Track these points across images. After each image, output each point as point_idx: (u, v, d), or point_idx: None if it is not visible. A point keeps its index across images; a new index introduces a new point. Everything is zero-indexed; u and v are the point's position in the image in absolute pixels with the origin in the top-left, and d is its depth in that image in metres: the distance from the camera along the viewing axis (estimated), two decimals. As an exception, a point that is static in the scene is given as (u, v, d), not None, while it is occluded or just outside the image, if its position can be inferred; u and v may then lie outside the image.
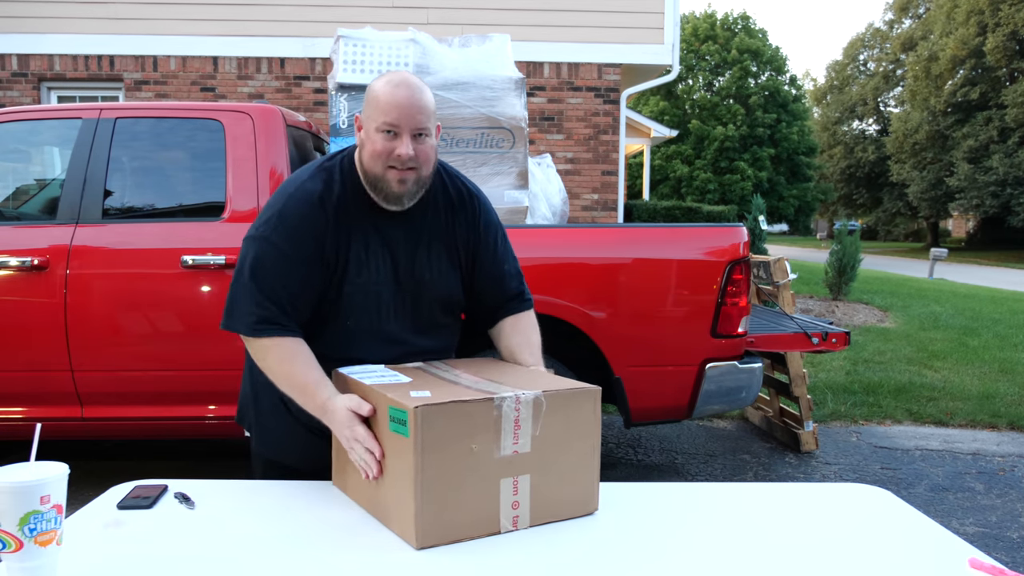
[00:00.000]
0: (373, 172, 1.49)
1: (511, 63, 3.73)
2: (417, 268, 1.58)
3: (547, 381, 1.37)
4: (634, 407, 3.23)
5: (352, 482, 1.39)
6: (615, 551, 1.18)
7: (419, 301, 1.59)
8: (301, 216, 1.49)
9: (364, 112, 1.52)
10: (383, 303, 1.55)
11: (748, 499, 1.42)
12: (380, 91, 1.47)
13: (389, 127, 1.45)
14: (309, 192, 1.51)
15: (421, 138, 1.48)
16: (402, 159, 1.46)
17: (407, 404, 1.19)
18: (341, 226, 1.51)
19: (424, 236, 1.59)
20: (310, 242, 1.48)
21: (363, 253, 1.53)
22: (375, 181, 1.50)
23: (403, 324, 1.58)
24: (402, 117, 1.45)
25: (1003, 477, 3.90)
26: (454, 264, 1.63)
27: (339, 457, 1.43)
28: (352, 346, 1.54)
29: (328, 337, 1.53)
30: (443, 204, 1.62)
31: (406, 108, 1.45)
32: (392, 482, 1.25)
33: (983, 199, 27.54)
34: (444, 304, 1.64)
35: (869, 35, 41.21)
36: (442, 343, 1.67)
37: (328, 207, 1.50)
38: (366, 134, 1.50)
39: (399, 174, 1.47)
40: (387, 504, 1.27)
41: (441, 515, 1.19)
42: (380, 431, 1.29)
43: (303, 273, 1.48)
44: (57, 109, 3.44)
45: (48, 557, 1.03)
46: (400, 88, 1.46)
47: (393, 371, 1.44)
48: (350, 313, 1.53)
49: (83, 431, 3.26)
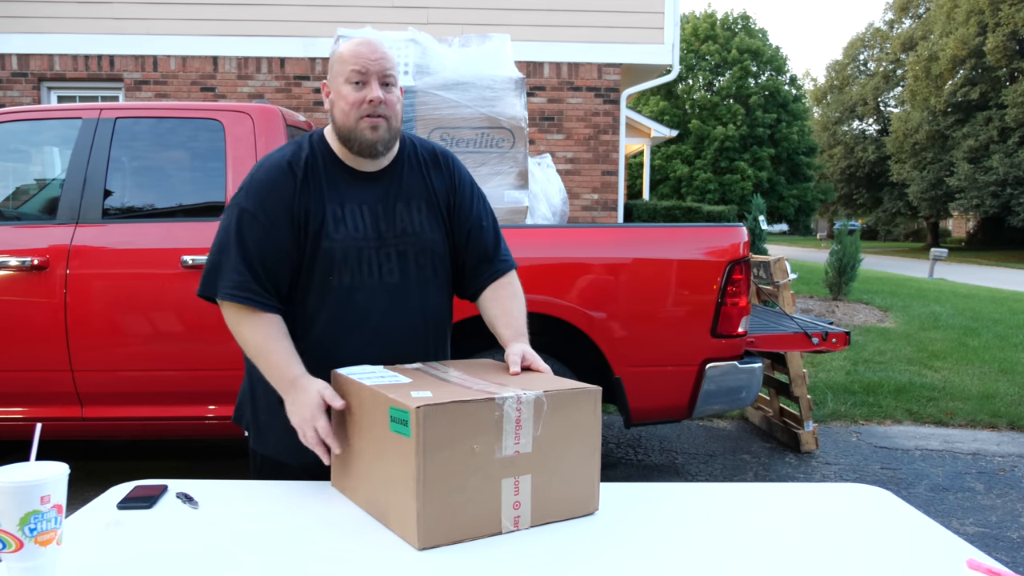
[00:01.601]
0: (346, 126, 1.54)
1: (511, 63, 3.73)
2: (399, 222, 1.60)
3: (547, 382, 1.36)
4: (634, 407, 3.23)
5: (352, 483, 1.38)
6: (615, 551, 1.18)
7: (405, 255, 1.60)
8: (271, 181, 1.55)
9: (330, 75, 1.58)
10: (364, 257, 1.56)
11: (748, 499, 1.42)
12: (344, 50, 1.55)
13: (358, 76, 1.52)
14: (278, 159, 1.58)
15: (388, 87, 1.54)
16: (374, 103, 1.51)
17: (408, 404, 1.18)
18: (312, 187, 1.56)
19: (402, 193, 1.63)
20: (280, 205, 1.53)
21: (339, 210, 1.56)
22: (348, 134, 1.55)
23: (390, 279, 1.59)
24: (368, 64, 1.52)
25: (1003, 477, 3.90)
26: (437, 218, 1.65)
27: (339, 458, 1.42)
28: (340, 302, 1.55)
29: (315, 295, 1.56)
30: (416, 163, 1.67)
31: (371, 57, 1.52)
32: (393, 483, 1.24)
33: (983, 199, 27.54)
34: (433, 258, 1.64)
35: (869, 35, 41.21)
36: (434, 301, 1.66)
37: (296, 170, 1.56)
38: (335, 93, 1.56)
39: (371, 120, 1.52)
40: (387, 505, 1.26)
41: (443, 515, 1.19)
42: (378, 432, 1.28)
43: (275, 236, 1.53)
44: (57, 109, 3.44)
45: (48, 557, 1.03)
46: (363, 43, 1.54)
47: (392, 372, 1.43)
48: (331, 269, 1.55)
49: (83, 431, 3.26)
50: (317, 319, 1.56)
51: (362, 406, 1.33)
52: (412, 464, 1.18)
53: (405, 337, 1.61)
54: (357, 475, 1.36)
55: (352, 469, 1.37)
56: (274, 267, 1.53)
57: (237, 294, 1.51)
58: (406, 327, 1.61)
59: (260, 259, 1.52)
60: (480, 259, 1.70)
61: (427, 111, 3.53)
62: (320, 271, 1.55)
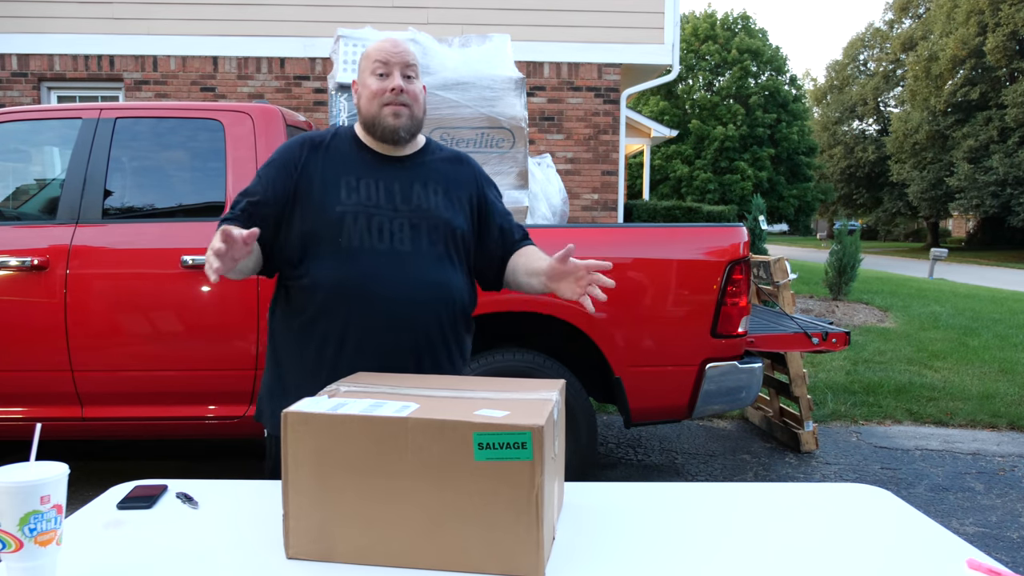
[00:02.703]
0: (370, 113, 1.65)
1: (511, 63, 3.73)
2: (415, 198, 1.66)
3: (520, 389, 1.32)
4: (634, 407, 3.23)
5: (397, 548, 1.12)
6: (616, 551, 1.18)
7: (418, 228, 1.63)
8: (283, 151, 1.69)
9: (359, 72, 1.70)
10: (374, 223, 1.61)
11: (748, 499, 1.42)
12: (370, 47, 1.69)
13: (381, 68, 1.63)
14: (297, 138, 1.72)
15: (410, 79, 1.66)
16: (396, 91, 1.62)
17: (522, 424, 1.08)
18: (326, 160, 1.66)
19: (420, 177, 1.69)
20: (286, 166, 1.65)
21: (354, 181, 1.65)
22: (372, 121, 1.65)
23: (402, 247, 1.61)
24: (391, 56, 1.64)
25: (1003, 477, 3.90)
26: (454, 204, 1.70)
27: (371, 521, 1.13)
28: (347, 264, 1.59)
29: (322, 260, 1.60)
30: (439, 157, 1.76)
31: (393, 50, 1.65)
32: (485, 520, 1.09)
33: (983, 199, 27.54)
34: (447, 234, 1.66)
35: (869, 35, 41.20)
36: (450, 278, 1.66)
37: (314, 143, 1.69)
38: (362, 86, 1.68)
39: (393, 108, 1.63)
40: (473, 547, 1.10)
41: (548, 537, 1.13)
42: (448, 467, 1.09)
43: (270, 187, 1.63)
44: (57, 109, 3.43)
45: (48, 557, 1.03)
46: (386, 40, 1.68)
47: (351, 398, 1.23)
48: (340, 231, 1.59)
49: (83, 431, 3.25)
50: (322, 284, 1.59)
51: (389, 442, 1.11)
52: (531, 490, 1.07)
53: (416, 308, 1.60)
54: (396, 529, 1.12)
55: (375, 525, 1.12)
56: (263, 213, 1.61)
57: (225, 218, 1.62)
58: (417, 298, 1.60)
59: (251, 207, 1.62)
60: (511, 249, 1.77)
61: (427, 111, 3.52)
62: (328, 235, 1.59)
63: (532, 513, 1.07)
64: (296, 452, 1.11)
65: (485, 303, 3.13)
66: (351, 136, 1.71)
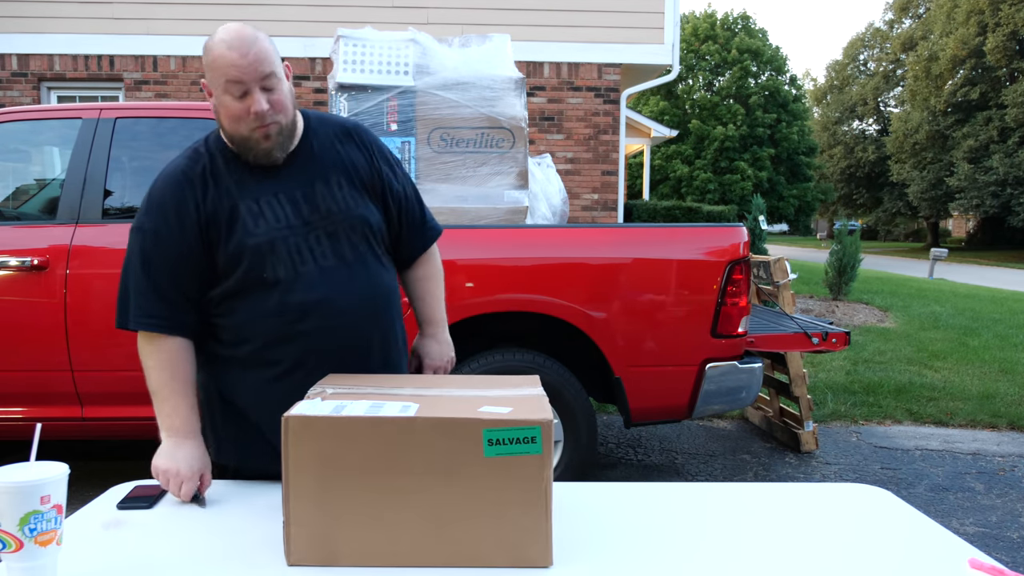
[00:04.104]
0: (238, 135, 1.46)
1: (511, 63, 3.73)
2: (321, 202, 1.53)
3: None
4: (634, 407, 3.23)
5: (404, 548, 1.13)
6: (616, 551, 1.18)
7: (336, 236, 1.53)
8: (169, 195, 1.48)
9: (207, 76, 1.46)
10: (292, 246, 1.49)
11: (748, 499, 1.42)
12: (213, 54, 1.42)
13: (237, 86, 1.41)
14: (172, 171, 1.50)
15: (271, 90, 1.43)
16: (260, 115, 1.42)
17: (532, 419, 1.10)
18: (218, 191, 1.48)
19: (318, 172, 1.55)
20: (182, 215, 1.46)
21: (254, 206, 1.49)
22: (242, 143, 1.47)
23: (326, 263, 1.52)
24: (242, 72, 1.40)
25: (1003, 477, 3.90)
26: (360, 192, 1.58)
27: (377, 523, 1.13)
28: (279, 299, 1.48)
29: (257, 296, 1.49)
30: (323, 141, 1.58)
31: (242, 63, 1.39)
32: (495, 514, 1.11)
33: (983, 199, 27.54)
34: (364, 232, 1.56)
35: (869, 35, 41.21)
36: (380, 278, 1.59)
37: (194, 178, 1.48)
38: (217, 101, 1.46)
39: (262, 130, 1.44)
40: (483, 542, 1.12)
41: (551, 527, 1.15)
42: (458, 465, 1.10)
43: (182, 248, 1.46)
44: (57, 109, 3.43)
45: (48, 557, 1.03)
46: (231, 46, 1.40)
47: (344, 399, 1.22)
48: (262, 266, 1.47)
49: (83, 431, 3.25)
50: (260, 317, 1.49)
51: (397, 442, 1.11)
52: (541, 482, 1.10)
53: (357, 320, 1.54)
54: (402, 529, 1.12)
55: (396, 533, 1.12)
56: (187, 281, 1.47)
57: (144, 321, 1.47)
58: (356, 309, 1.53)
59: (168, 276, 1.47)
60: (411, 227, 1.70)
61: (427, 111, 3.53)
62: (250, 271, 1.47)
63: (542, 505, 1.10)
64: (298, 456, 1.10)
65: (485, 303, 3.13)
66: (226, 152, 1.52)
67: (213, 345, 1.56)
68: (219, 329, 1.54)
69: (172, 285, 1.47)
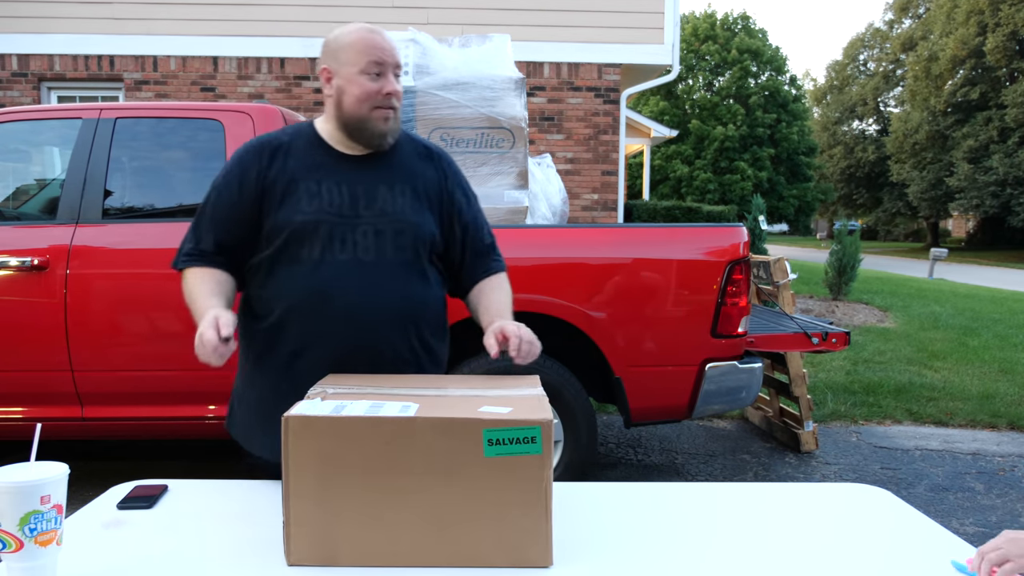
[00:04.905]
0: (358, 115, 1.54)
1: (511, 63, 3.73)
2: (379, 202, 1.57)
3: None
4: (634, 407, 3.23)
5: (404, 548, 1.13)
6: (616, 550, 1.18)
7: (382, 234, 1.55)
8: (239, 160, 1.59)
9: (336, 60, 1.55)
10: (337, 232, 1.53)
11: (748, 499, 1.42)
12: (355, 36, 1.54)
13: (376, 68, 1.52)
14: (253, 141, 1.62)
15: (398, 79, 1.57)
16: (394, 95, 1.54)
17: (532, 419, 1.10)
18: (284, 165, 1.56)
19: (387, 177, 1.60)
20: (244, 181, 1.56)
21: (314, 187, 1.56)
22: (359, 124, 1.55)
23: (365, 256, 1.54)
24: (385, 56, 1.53)
25: (1003, 477, 3.90)
26: (423, 205, 1.61)
27: (377, 523, 1.13)
28: (308, 276, 1.52)
29: (291, 270, 1.54)
30: (408, 152, 1.66)
31: (387, 47, 1.54)
32: (495, 514, 1.11)
33: (983, 199, 27.54)
34: (415, 241, 1.58)
35: (869, 35, 41.21)
36: (416, 288, 1.59)
37: (267, 149, 1.58)
38: (345, 81, 1.54)
39: (384, 112, 1.54)
40: (482, 542, 1.11)
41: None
42: (458, 466, 1.10)
43: (234, 200, 1.56)
44: (57, 109, 3.43)
45: (48, 557, 1.03)
46: (374, 32, 1.55)
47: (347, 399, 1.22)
48: (303, 241, 1.53)
49: (83, 431, 3.25)
50: (283, 295, 1.54)
51: (397, 442, 1.11)
52: (541, 482, 1.10)
53: (380, 321, 1.54)
54: (402, 528, 1.12)
55: (397, 534, 1.12)
56: (232, 230, 1.56)
57: (184, 260, 1.59)
58: (381, 309, 1.54)
59: (216, 223, 1.57)
60: (475, 255, 1.70)
61: (427, 111, 3.53)
62: (289, 244, 1.53)
63: (541, 505, 1.10)
64: (298, 456, 1.10)
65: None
66: (312, 135, 1.61)
67: (243, 320, 1.63)
68: (251, 300, 1.61)
69: (217, 229, 1.57)
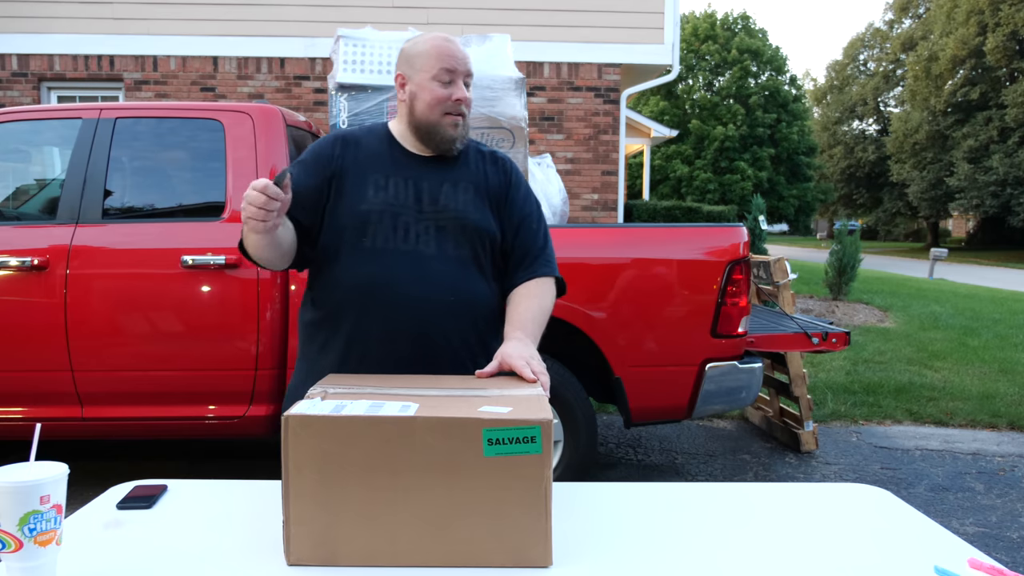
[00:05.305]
0: (429, 120, 1.61)
1: (511, 63, 3.73)
2: (442, 198, 1.63)
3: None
4: (634, 407, 3.23)
5: (404, 548, 1.12)
6: (615, 550, 1.18)
7: (444, 230, 1.60)
8: (318, 146, 1.68)
9: (411, 67, 1.63)
10: (400, 223, 1.59)
11: (748, 499, 1.42)
12: (430, 44, 1.62)
13: (448, 75, 1.60)
14: (332, 135, 1.70)
15: (467, 86, 1.64)
16: (463, 102, 1.61)
17: (532, 418, 1.10)
18: (357, 157, 1.64)
19: (451, 177, 1.66)
20: (319, 166, 1.63)
21: (382, 180, 1.62)
22: (430, 128, 1.61)
23: (426, 249, 1.58)
24: (457, 63, 1.61)
25: (1003, 477, 3.90)
26: (485, 204, 1.66)
27: (377, 523, 1.12)
28: (367, 262, 1.57)
29: (350, 255, 1.59)
30: (474, 156, 1.72)
31: (459, 56, 1.61)
32: (495, 514, 1.11)
33: (983, 199, 27.55)
34: (475, 239, 1.62)
35: (869, 35, 41.22)
36: (475, 285, 1.62)
37: (343, 140, 1.66)
38: (418, 86, 1.61)
39: (453, 118, 1.61)
40: (482, 542, 1.11)
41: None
42: (457, 465, 1.10)
43: (305, 180, 1.60)
44: (57, 109, 3.44)
45: (48, 557, 1.03)
46: (448, 40, 1.63)
47: (348, 399, 1.21)
48: (365, 230, 1.58)
49: (83, 431, 3.26)
50: (342, 282, 1.59)
51: (397, 442, 1.10)
52: (541, 482, 1.10)
53: (435, 312, 1.57)
54: (402, 528, 1.11)
55: (381, 526, 1.11)
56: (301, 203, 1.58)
57: None
58: (438, 301, 1.57)
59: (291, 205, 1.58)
60: (524, 253, 1.69)
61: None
62: (353, 234, 1.58)
63: (541, 505, 1.10)
64: (298, 456, 1.10)
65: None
66: (385, 134, 1.69)
67: (304, 307, 1.69)
68: (314, 288, 1.66)
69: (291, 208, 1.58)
